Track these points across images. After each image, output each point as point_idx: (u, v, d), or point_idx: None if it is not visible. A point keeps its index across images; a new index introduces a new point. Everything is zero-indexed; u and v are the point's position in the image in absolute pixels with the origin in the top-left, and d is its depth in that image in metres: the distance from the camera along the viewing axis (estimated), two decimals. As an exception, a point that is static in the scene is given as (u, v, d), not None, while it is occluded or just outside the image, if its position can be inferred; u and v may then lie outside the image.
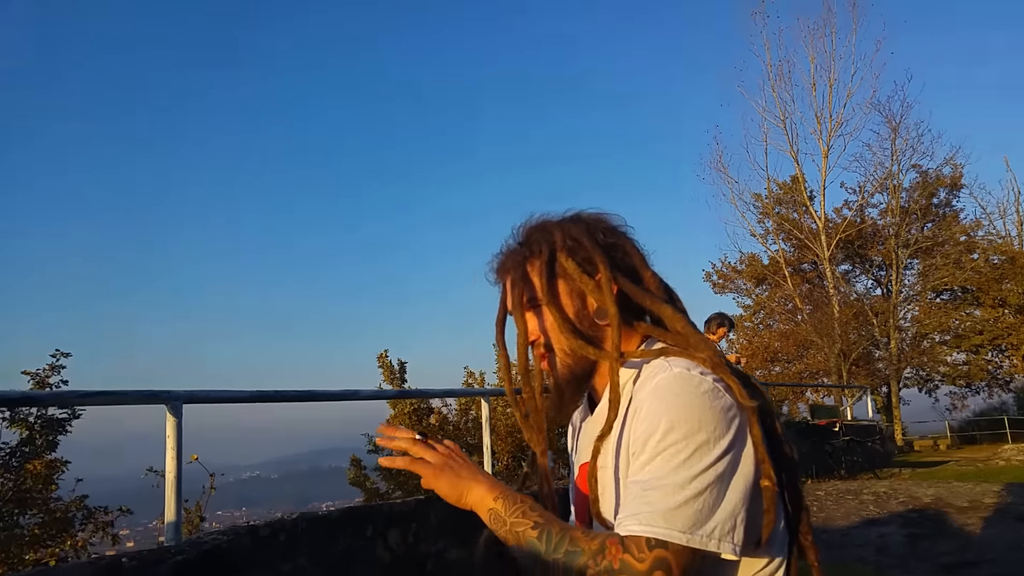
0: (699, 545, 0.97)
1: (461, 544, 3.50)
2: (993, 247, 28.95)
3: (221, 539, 2.25)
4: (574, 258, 1.20)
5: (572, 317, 1.21)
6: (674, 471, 1.00)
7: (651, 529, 0.96)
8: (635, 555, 0.95)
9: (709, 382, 1.06)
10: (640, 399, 1.10)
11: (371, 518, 2.95)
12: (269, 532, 2.44)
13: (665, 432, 1.02)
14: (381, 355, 11.97)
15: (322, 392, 3.00)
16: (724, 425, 1.03)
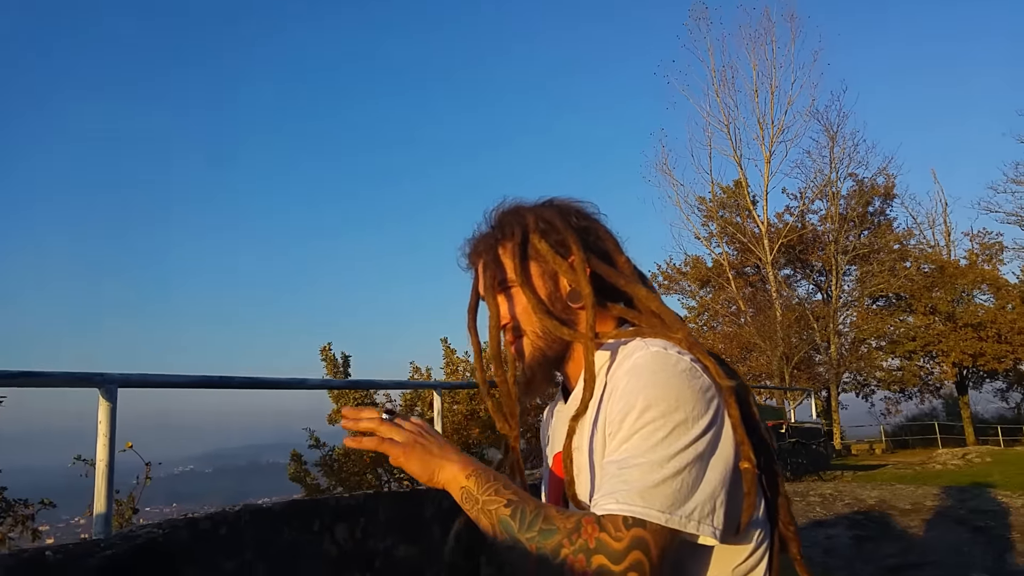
0: (678, 526, 0.92)
1: (410, 541, 3.37)
2: (924, 256, 30.09)
3: (156, 532, 2.08)
4: (547, 240, 1.17)
5: (544, 299, 1.18)
6: (652, 449, 0.95)
7: (629, 508, 0.92)
8: (612, 534, 0.91)
9: (687, 361, 1.03)
10: (617, 378, 1.06)
11: (318, 512, 2.80)
12: (210, 525, 2.27)
13: (642, 410, 0.98)
14: (324, 348, 11.77)
15: (269, 380, 2.83)
16: (703, 405, 0.99)
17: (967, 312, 28.77)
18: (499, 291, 1.20)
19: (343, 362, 11.45)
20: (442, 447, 1.08)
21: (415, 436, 1.08)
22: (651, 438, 0.96)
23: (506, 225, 1.21)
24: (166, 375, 2.52)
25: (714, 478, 0.97)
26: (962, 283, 29.25)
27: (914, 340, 27.90)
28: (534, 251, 1.18)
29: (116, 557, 1.90)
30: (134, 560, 1.96)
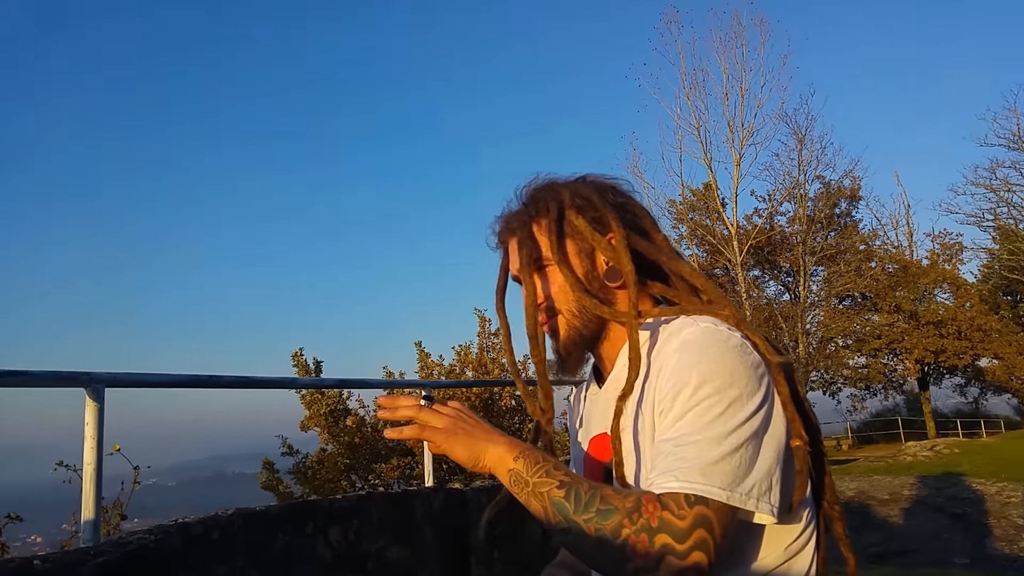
0: (739, 503, 0.89)
1: (402, 543, 3.31)
2: (888, 256, 30.75)
3: (148, 539, 1.99)
4: (584, 216, 1.13)
5: (581, 278, 1.14)
6: (708, 426, 0.92)
7: (690, 485, 0.89)
8: (675, 512, 0.88)
9: (737, 337, 1.00)
10: (665, 355, 1.02)
11: (311, 514, 2.72)
12: (202, 530, 2.18)
13: (696, 386, 0.94)
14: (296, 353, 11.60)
15: (258, 379, 2.75)
16: (756, 381, 0.96)
17: (929, 310, 29.43)
18: (534, 269, 1.15)
19: (315, 367, 11.28)
20: (486, 430, 1.03)
21: (456, 420, 1.03)
22: (707, 414, 0.93)
23: (540, 201, 1.16)
24: (155, 374, 2.41)
25: (769, 456, 0.95)
26: (924, 282, 29.94)
27: (879, 338, 28.44)
28: (571, 228, 1.14)
29: (108, 565, 1.81)
30: (126, 567, 1.87)
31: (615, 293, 1.14)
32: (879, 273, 28.59)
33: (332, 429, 10.69)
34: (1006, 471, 7.80)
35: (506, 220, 1.21)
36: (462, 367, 10.47)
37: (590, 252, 1.14)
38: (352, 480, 10.70)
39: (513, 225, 1.19)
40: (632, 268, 1.08)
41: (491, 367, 10.37)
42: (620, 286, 1.12)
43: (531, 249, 1.15)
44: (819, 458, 1.07)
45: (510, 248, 1.21)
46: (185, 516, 2.23)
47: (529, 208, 1.18)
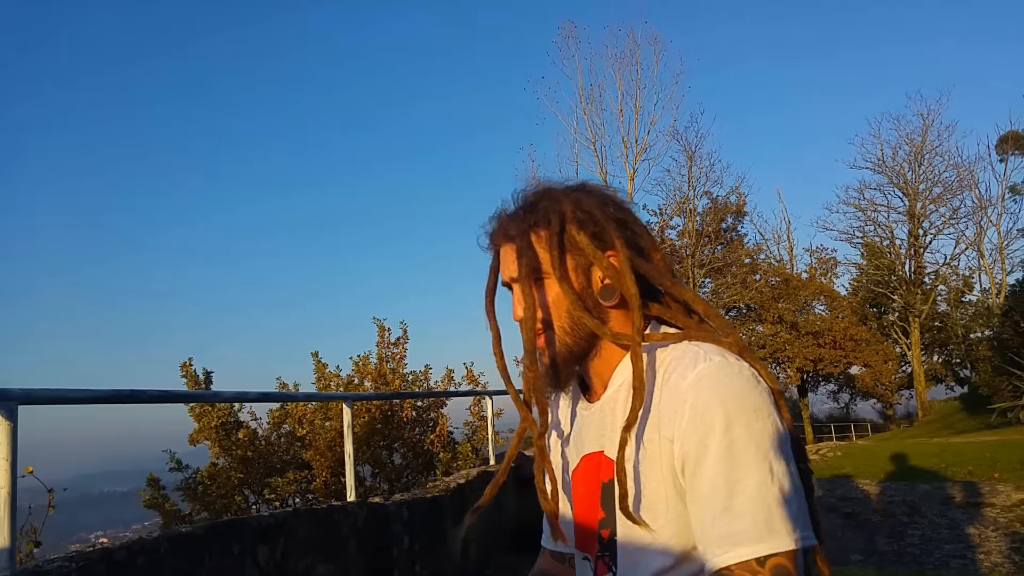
0: (803, 543, 0.91)
1: (328, 560, 3.20)
2: (771, 270, 32.37)
3: (69, 566, 1.82)
4: (585, 231, 1.09)
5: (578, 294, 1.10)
6: (748, 471, 0.93)
7: (755, 548, 0.90)
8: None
9: (748, 368, 1.00)
10: (675, 385, 1.01)
11: (238, 533, 2.58)
12: (126, 556, 2.03)
13: (725, 428, 0.94)
14: (185, 363, 10.99)
15: (181, 393, 2.60)
16: (774, 411, 0.98)
17: (808, 321, 31.16)
18: (532, 281, 1.11)
19: (204, 378, 10.74)
20: None
21: None
22: (743, 457, 0.94)
23: (541, 211, 1.12)
24: (72, 389, 2.22)
25: (798, 483, 0.96)
26: (804, 295, 31.72)
27: (763, 348, 29.83)
28: (571, 243, 1.10)
29: (33, 595, 1.66)
30: (52, 597, 1.72)
31: (608, 312, 1.11)
32: (763, 285, 30.04)
33: (223, 443, 10.21)
34: (884, 471, 8.35)
35: (503, 223, 1.16)
36: (360, 378, 10.21)
37: (587, 268, 1.11)
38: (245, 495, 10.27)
39: (511, 231, 1.14)
40: (637, 291, 1.06)
41: (391, 377, 10.15)
42: (614, 305, 1.10)
43: (531, 260, 1.11)
44: (808, 476, 1.09)
45: (503, 252, 1.17)
46: (103, 541, 2.08)
47: (528, 216, 1.13)
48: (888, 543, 5.48)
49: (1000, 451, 8.55)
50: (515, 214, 1.15)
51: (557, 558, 1.30)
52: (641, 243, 1.13)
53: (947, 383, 36.10)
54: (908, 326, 33.08)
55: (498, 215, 1.18)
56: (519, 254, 1.11)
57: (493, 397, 7.56)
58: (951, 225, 31.80)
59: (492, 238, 1.19)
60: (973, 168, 30.99)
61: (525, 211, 1.14)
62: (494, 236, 1.18)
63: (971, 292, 34.29)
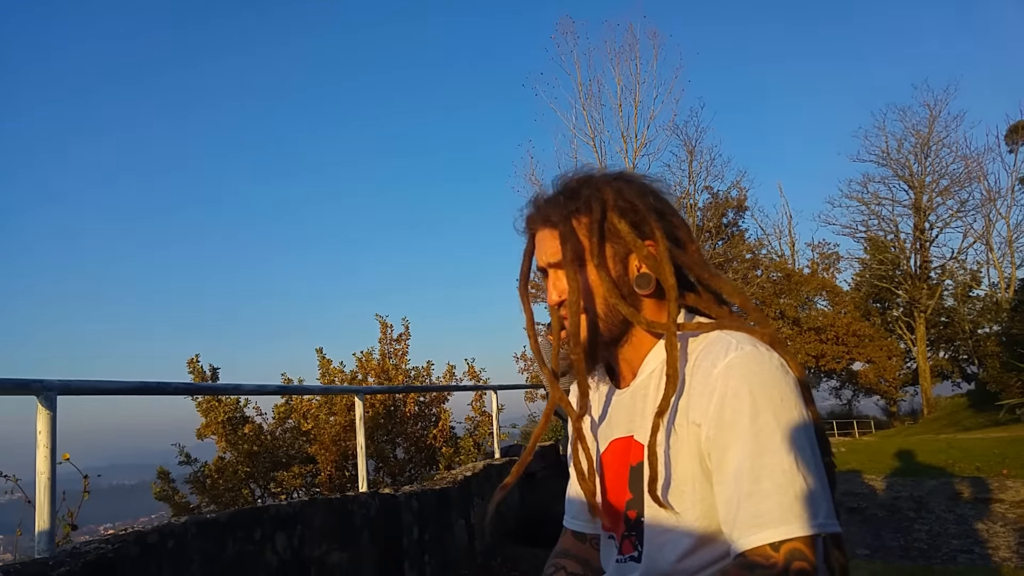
0: (821, 530, 0.94)
1: (343, 548, 3.24)
2: (773, 265, 32.26)
3: (106, 548, 1.87)
4: (626, 220, 1.11)
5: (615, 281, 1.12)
6: (774, 457, 0.95)
7: (775, 531, 0.93)
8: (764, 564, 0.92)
9: (777, 358, 1.02)
10: (705, 372, 1.03)
11: (259, 521, 2.63)
12: (157, 539, 2.07)
13: (753, 415, 0.97)
14: (192, 360, 11.06)
15: (204, 386, 2.65)
16: (801, 402, 1.00)
17: (810, 317, 31.18)
18: (577, 266, 1.13)
19: (211, 374, 10.80)
20: None
21: None
22: (770, 443, 0.96)
23: (582, 197, 1.13)
24: (108, 381, 2.27)
25: (822, 473, 0.98)
26: (806, 290, 31.70)
27: (765, 343, 29.84)
28: (612, 231, 1.11)
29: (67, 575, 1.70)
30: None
31: (642, 300, 1.13)
32: (764, 281, 29.98)
33: (230, 437, 10.27)
34: (890, 467, 8.37)
35: (542, 208, 1.18)
36: (364, 374, 10.26)
37: (625, 257, 1.13)
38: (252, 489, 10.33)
39: (552, 217, 1.15)
40: (675, 282, 1.08)
41: (393, 374, 10.19)
42: (649, 294, 1.12)
43: (576, 246, 1.12)
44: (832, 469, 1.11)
45: (541, 237, 1.18)
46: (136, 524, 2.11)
47: (570, 202, 1.14)
48: (895, 538, 5.51)
49: (1009, 447, 8.56)
50: (556, 199, 1.16)
51: (579, 538, 1.33)
52: (679, 234, 1.14)
53: (953, 379, 35.83)
54: (913, 321, 32.99)
55: (536, 200, 1.19)
56: (563, 239, 1.12)
57: (497, 392, 7.59)
58: (959, 218, 31.70)
59: (529, 222, 1.20)
60: (982, 159, 30.84)
61: (566, 197, 1.15)
62: (531, 220, 1.20)
63: (979, 286, 33.96)
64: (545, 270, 1.18)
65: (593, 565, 1.28)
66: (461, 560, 4.76)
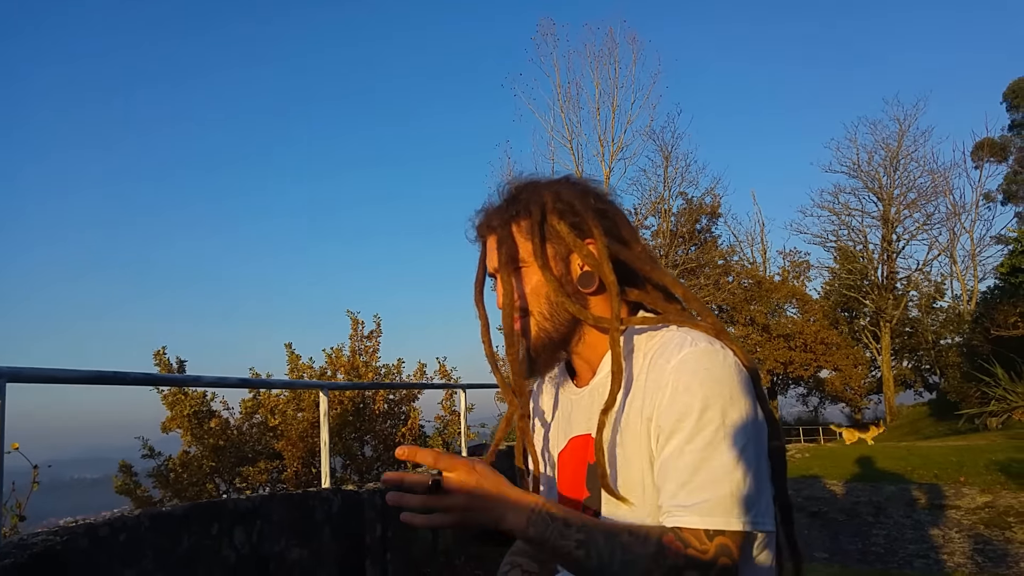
0: (751, 527, 0.96)
1: (303, 544, 3.22)
2: (744, 271, 32.59)
3: (54, 540, 1.83)
4: (565, 221, 1.13)
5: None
6: (716, 452, 0.98)
7: (711, 520, 0.95)
8: (697, 547, 0.95)
9: (730, 355, 1.04)
10: (660, 368, 1.05)
11: (217, 515, 2.60)
12: (109, 532, 2.03)
13: (701, 411, 0.99)
14: (158, 352, 10.91)
15: (164, 376, 2.61)
16: (750, 397, 1.02)
17: (779, 324, 31.49)
18: (511, 269, 1.16)
19: (178, 366, 10.65)
20: (497, 500, 1.01)
21: (467, 501, 1.00)
22: (714, 439, 0.98)
23: (522, 201, 1.16)
24: (60, 369, 2.22)
25: (764, 468, 1.01)
26: (776, 297, 32.02)
27: (734, 349, 30.12)
28: (552, 232, 1.14)
29: (14, 567, 1.66)
30: (32, 569, 1.72)
31: (588, 299, 1.15)
32: (735, 287, 30.27)
33: (196, 431, 10.15)
34: (851, 473, 8.49)
35: (486, 215, 1.21)
36: (333, 370, 10.19)
37: (566, 256, 1.15)
38: (216, 484, 10.21)
39: (493, 222, 1.18)
40: (615, 278, 1.10)
41: (363, 371, 10.13)
42: (593, 292, 1.14)
43: (510, 249, 1.15)
44: (783, 454, 1.13)
45: (488, 244, 1.21)
46: (88, 516, 2.08)
47: (510, 207, 1.17)
48: (853, 542, 5.59)
49: (966, 455, 8.72)
50: (499, 206, 1.19)
51: None
52: (622, 233, 1.17)
53: (916, 388, 36.53)
54: (879, 331, 33.47)
55: (484, 208, 1.22)
56: (499, 243, 1.16)
57: (467, 391, 7.57)
58: (924, 231, 32.18)
59: (478, 230, 1.23)
60: (948, 174, 31.35)
61: (508, 203, 1.18)
62: (480, 228, 1.22)
63: (942, 298, 34.69)
64: (494, 276, 1.20)
65: (549, 565, 1.28)
66: (424, 559, 4.74)
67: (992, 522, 5.82)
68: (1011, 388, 13.49)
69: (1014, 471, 7.41)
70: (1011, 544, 5.34)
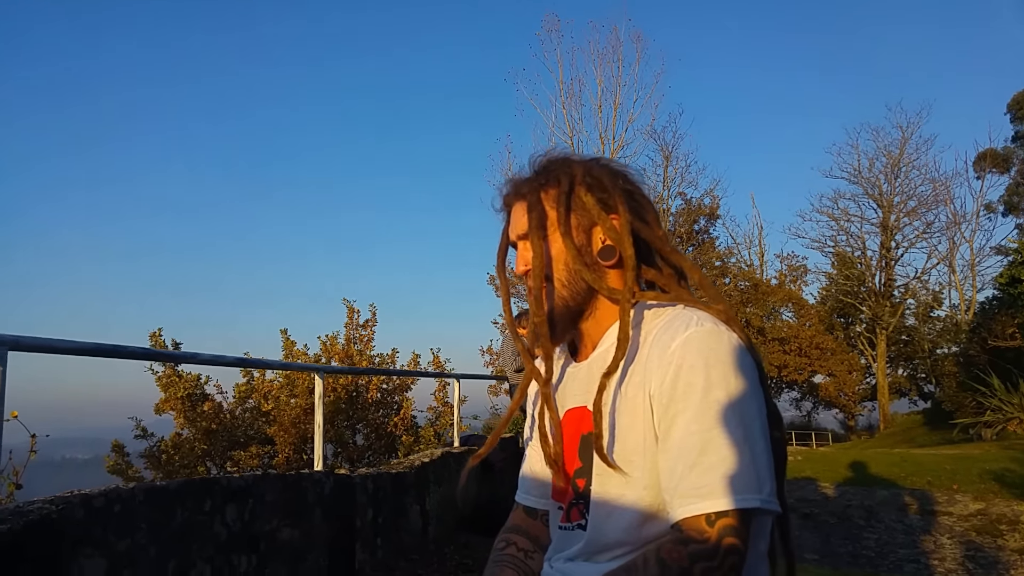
0: (760, 505, 0.96)
1: (293, 524, 3.21)
2: (741, 274, 32.59)
3: (50, 509, 1.82)
4: (593, 194, 1.16)
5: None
6: (722, 432, 0.97)
7: (711, 503, 0.95)
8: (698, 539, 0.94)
9: (736, 338, 1.04)
10: (663, 344, 1.05)
11: (210, 492, 2.58)
12: (104, 503, 2.02)
13: (706, 389, 0.99)
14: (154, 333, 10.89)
15: (162, 352, 2.59)
16: (755, 381, 1.02)
17: (774, 328, 31.50)
18: (539, 235, 1.17)
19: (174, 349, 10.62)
20: None
21: None
22: (720, 418, 0.98)
23: (552, 172, 1.19)
24: (62, 340, 2.21)
25: (768, 452, 1.00)
26: (772, 300, 32.01)
27: (729, 351, 30.13)
28: (578, 202, 1.16)
29: (9, 533, 1.65)
30: (27, 536, 1.71)
31: (606, 271, 1.16)
32: (732, 289, 30.27)
33: (189, 414, 10.13)
34: (844, 477, 8.51)
35: (515, 184, 1.23)
36: (328, 357, 10.19)
37: (589, 228, 1.17)
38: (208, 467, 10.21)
39: (522, 190, 1.20)
40: (633, 252, 1.12)
41: (358, 359, 10.13)
42: (612, 265, 1.15)
43: (540, 214, 1.17)
44: (783, 445, 1.13)
45: (513, 212, 1.23)
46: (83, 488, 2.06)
47: (540, 176, 1.20)
48: (844, 544, 5.60)
49: (960, 464, 8.74)
50: (529, 176, 1.22)
51: (530, 514, 1.34)
52: (646, 214, 1.19)
53: (911, 397, 36.46)
54: (875, 338, 33.49)
55: (511, 179, 1.24)
56: (530, 209, 1.18)
57: (460, 381, 7.56)
58: (924, 239, 32.22)
59: (505, 199, 1.25)
60: (949, 183, 31.40)
61: (538, 173, 1.21)
62: (507, 197, 1.25)
63: (940, 307, 34.60)
64: (515, 244, 1.22)
65: (542, 541, 1.29)
66: (414, 546, 4.74)
67: (984, 529, 5.83)
68: (1007, 399, 13.52)
69: (1008, 480, 7.42)
70: (1002, 552, 5.35)
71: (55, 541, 1.83)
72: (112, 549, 2.04)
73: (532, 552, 1.28)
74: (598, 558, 1.08)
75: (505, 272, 1.27)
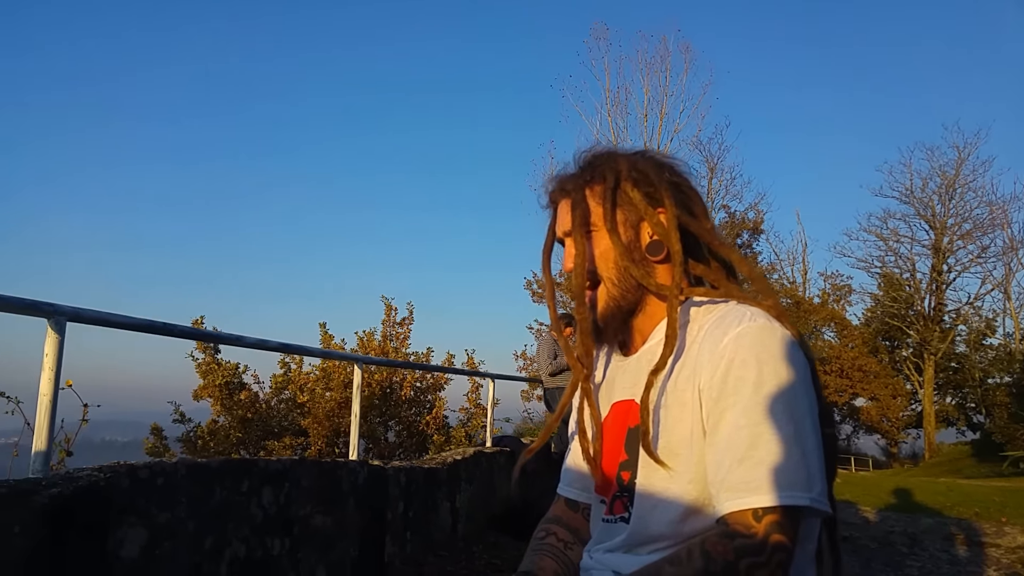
0: (809, 503, 0.93)
1: (327, 512, 3.24)
2: (783, 291, 32.04)
3: (98, 476, 1.87)
4: (639, 189, 1.14)
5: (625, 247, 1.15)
6: (773, 427, 0.95)
7: (757, 499, 0.93)
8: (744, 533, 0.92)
9: (788, 334, 1.03)
10: (715, 339, 1.04)
11: (248, 473, 2.63)
12: (148, 474, 2.07)
13: (757, 384, 0.97)
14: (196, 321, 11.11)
15: (208, 333, 2.67)
16: (806, 377, 1.01)
17: (816, 347, 30.90)
18: (584, 232, 1.16)
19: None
20: None
21: None
22: (771, 415, 0.96)
23: (598, 168, 1.17)
24: (118, 314, 2.29)
25: (818, 449, 0.98)
26: (814, 319, 31.44)
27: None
28: (624, 198, 1.15)
29: (59, 497, 1.70)
30: (75, 501, 1.76)
31: (655, 267, 1.15)
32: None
33: (226, 402, 10.30)
34: (886, 502, 8.30)
35: (560, 181, 1.22)
36: (364, 353, 10.28)
37: (636, 223, 1.16)
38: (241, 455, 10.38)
39: (568, 187, 1.20)
40: (680, 247, 1.11)
41: (393, 356, 10.20)
42: (660, 260, 1.15)
43: (584, 212, 1.16)
44: (835, 442, 1.11)
45: (560, 208, 1.22)
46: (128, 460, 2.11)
47: (585, 173, 1.19)
48: (885, 571, 5.45)
49: (1010, 496, 8.45)
50: (575, 172, 1.21)
51: (571, 506, 1.33)
52: (694, 208, 1.17)
53: (959, 427, 35.08)
54: (922, 363, 32.64)
55: (557, 175, 1.24)
56: (573, 206, 1.17)
57: (495, 381, 7.56)
58: (978, 263, 31.38)
59: (551, 196, 1.24)
60: (1007, 207, 30.58)
61: (583, 169, 1.20)
62: (552, 194, 1.24)
63: (993, 335, 33.29)
64: (563, 241, 1.22)
65: (582, 534, 1.28)
66: (443, 542, 4.75)
67: (1030, 563, 5.62)
68: (1060, 432, 13.06)
69: (1058, 515, 7.15)
70: (1049, 587, 5.16)
71: (103, 508, 1.88)
72: (153, 520, 2.08)
73: (571, 543, 1.28)
74: (639, 551, 1.08)
75: (550, 270, 1.26)
